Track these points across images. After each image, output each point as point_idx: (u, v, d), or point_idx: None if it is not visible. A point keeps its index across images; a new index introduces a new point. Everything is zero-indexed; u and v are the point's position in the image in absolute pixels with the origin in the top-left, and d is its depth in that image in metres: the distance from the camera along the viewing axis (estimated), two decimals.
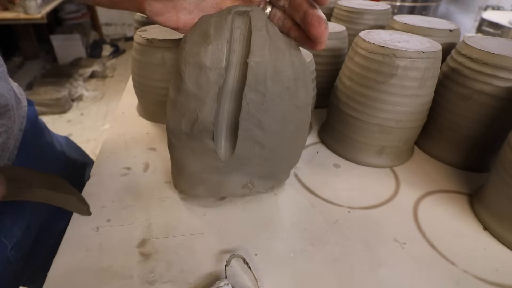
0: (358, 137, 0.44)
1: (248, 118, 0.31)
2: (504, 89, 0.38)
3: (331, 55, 0.53)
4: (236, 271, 0.30)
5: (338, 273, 0.30)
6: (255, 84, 0.29)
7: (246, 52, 0.29)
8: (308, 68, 0.33)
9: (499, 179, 0.35)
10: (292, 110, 0.32)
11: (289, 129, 0.33)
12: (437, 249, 0.33)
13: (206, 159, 0.33)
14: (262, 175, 0.36)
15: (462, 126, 0.43)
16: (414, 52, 0.37)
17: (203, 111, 0.30)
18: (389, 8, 0.65)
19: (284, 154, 0.35)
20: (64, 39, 2.61)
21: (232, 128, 0.32)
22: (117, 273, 0.29)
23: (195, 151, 0.33)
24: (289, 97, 0.31)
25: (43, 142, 0.50)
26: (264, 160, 0.34)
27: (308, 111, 0.34)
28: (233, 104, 0.31)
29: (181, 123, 0.31)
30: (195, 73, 0.29)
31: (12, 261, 0.39)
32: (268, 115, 0.31)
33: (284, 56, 0.30)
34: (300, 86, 0.32)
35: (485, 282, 0.30)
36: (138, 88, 0.51)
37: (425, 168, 0.45)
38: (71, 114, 2.16)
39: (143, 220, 0.35)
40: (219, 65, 0.29)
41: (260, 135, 0.32)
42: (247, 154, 0.33)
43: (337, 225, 0.36)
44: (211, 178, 0.34)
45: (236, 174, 0.35)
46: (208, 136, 0.31)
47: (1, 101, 0.37)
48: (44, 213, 0.47)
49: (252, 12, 0.28)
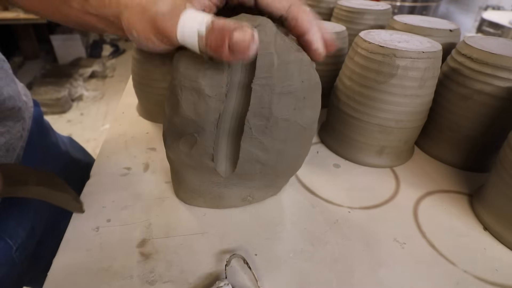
0: (358, 137, 0.44)
1: (250, 141, 0.29)
2: (504, 89, 0.38)
3: (331, 55, 0.53)
4: (236, 271, 0.30)
5: (338, 273, 0.30)
6: (258, 108, 0.27)
7: (250, 73, 0.26)
8: (319, 82, 0.30)
9: (499, 179, 0.34)
10: (297, 130, 0.30)
11: (292, 147, 0.31)
12: (437, 249, 0.33)
13: (206, 175, 0.32)
14: (262, 188, 0.36)
15: (462, 126, 0.43)
16: (414, 52, 0.37)
17: (202, 136, 0.28)
18: (389, 8, 0.64)
19: (286, 168, 0.34)
20: (64, 39, 2.61)
21: (232, 149, 0.31)
22: (117, 273, 0.29)
23: (194, 167, 0.32)
24: (295, 117, 0.29)
25: (48, 143, 0.51)
26: (264, 175, 0.33)
27: (314, 127, 0.32)
28: (234, 126, 0.29)
29: (179, 143, 0.30)
30: (193, 99, 0.26)
31: (17, 262, 0.39)
32: (271, 137, 0.29)
33: (293, 75, 0.27)
34: (308, 105, 0.29)
35: (485, 282, 0.30)
36: (138, 88, 0.51)
37: (425, 168, 0.45)
38: (71, 114, 2.16)
39: (143, 220, 0.35)
40: (220, 91, 0.26)
41: (262, 156, 0.30)
42: (247, 172, 0.32)
43: (337, 225, 0.36)
44: (210, 191, 0.34)
45: (236, 188, 0.34)
46: (208, 157, 0.30)
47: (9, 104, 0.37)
48: (48, 214, 0.47)
49: (259, 27, 0.25)
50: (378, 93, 0.40)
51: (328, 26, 0.54)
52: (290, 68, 0.27)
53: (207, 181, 0.33)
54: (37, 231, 0.44)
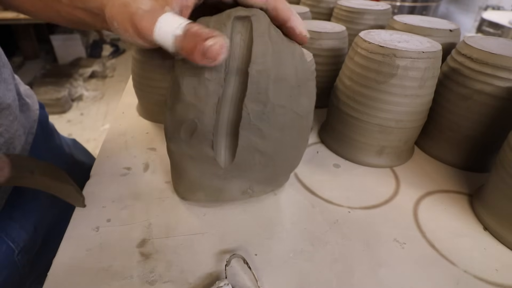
0: (358, 137, 0.44)
1: (248, 128, 0.30)
2: (504, 89, 0.38)
3: (331, 55, 0.53)
4: (236, 271, 0.30)
5: (338, 273, 0.30)
6: (256, 93, 0.28)
7: (247, 59, 0.28)
8: (312, 73, 0.32)
9: (499, 179, 0.35)
10: (294, 117, 0.31)
11: (290, 137, 0.32)
12: (437, 249, 0.33)
13: (206, 166, 0.33)
14: (262, 181, 0.36)
15: (462, 126, 0.43)
16: (414, 52, 0.37)
17: (202, 121, 0.29)
18: (389, 8, 0.65)
19: (285, 160, 0.35)
20: (64, 39, 2.61)
21: (231, 137, 0.32)
22: (117, 273, 0.29)
23: (195, 158, 0.32)
24: (291, 105, 0.30)
25: (53, 145, 0.51)
26: (264, 166, 0.34)
27: (310, 117, 0.33)
28: (232, 112, 0.30)
29: (180, 131, 0.30)
30: (193, 84, 0.28)
31: (19, 265, 0.39)
32: (268, 124, 0.30)
33: (287, 62, 0.29)
34: (303, 93, 0.31)
35: (485, 282, 0.30)
36: (138, 88, 0.51)
37: (425, 168, 0.45)
38: (71, 114, 2.16)
39: (143, 220, 0.35)
40: (219, 75, 0.27)
41: (260, 143, 0.31)
42: (247, 162, 0.32)
43: (337, 225, 0.36)
44: (211, 184, 0.34)
45: (236, 180, 0.35)
46: (208, 144, 0.31)
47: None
48: (51, 218, 0.47)
49: (254, 17, 0.27)
50: (378, 93, 0.40)
51: (328, 26, 0.54)
52: (284, 57, 0.28)
53: (207, 173, 0.33)
54: (40, 234, 0.44)
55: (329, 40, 0.52)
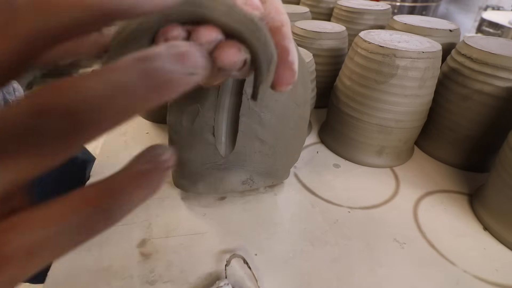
0: (358, 137, 0.44)
1: (248, 114, 0.31)
2: (504, 89, 0.38)
3: (331, 55, 0.53)
4: (236, 271, 0.30)
5: (338, 273, 0.30)
6: None
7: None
8: (306, 65, 0.33)
9: (499, 179, 0.35)
10: (292, 106, 0.32)
11: (289, 126, 0.33)
12: (437, 249, 0.33)
13: (206, 154, 0.33)
14: (262, 172, 0.36)
15: (462, 126, 0.43)
16: (414, 52, 0.37)
17: (204, 106, 0.30)
18: (389, 8, 0.65)
19: (284, 151, 0.35)
20: None
21: (232, 124, 0.33)
22: (117, 273, 0.29)
23: (196, 146, 0.33)
24: (288, 93, 0.32)
25: None
26: (263, 156, 0.34)
27: (307, 108, 0.34)
28: (233, 99, 0.32)
29: (182, 118, 0.32)
30: None
31: None
32: (268, 111, 0.31)
33: None
34: (299, 83, 0.32)
35: (485, 282, 0.30)
36: None
37: (425, 168, 0.45)
38: None
39: (143, 220, 0.35)
40: None
41: (260, 131, 0.32)
42: (247, 150, 0.33)
43: (337, 225, 0.36)
44: (211, 174, 0.35)
45: (236, 170, 0.35)
46: (209, 131, 0.32)
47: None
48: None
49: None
50: (378, 93, 0.40)
51: (328, 26, 0.54)
52: None
53: (208, 162, 0.34)
54: None
55: (329, 40, 0.52)
